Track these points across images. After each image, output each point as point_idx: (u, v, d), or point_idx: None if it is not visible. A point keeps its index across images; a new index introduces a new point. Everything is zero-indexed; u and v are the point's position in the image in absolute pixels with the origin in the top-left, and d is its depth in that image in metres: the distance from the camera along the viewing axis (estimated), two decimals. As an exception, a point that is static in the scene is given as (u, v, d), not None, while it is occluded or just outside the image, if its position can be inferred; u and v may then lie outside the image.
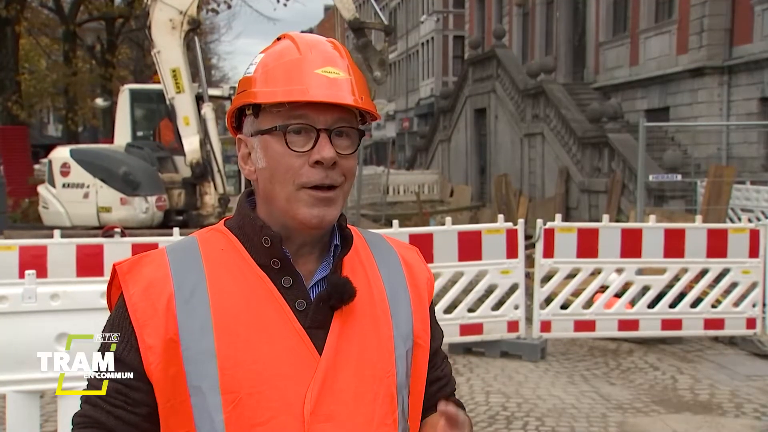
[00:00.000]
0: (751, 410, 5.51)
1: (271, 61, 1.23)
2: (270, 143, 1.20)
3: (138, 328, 1.16)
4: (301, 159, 1.18)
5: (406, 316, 1.29)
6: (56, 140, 34.18)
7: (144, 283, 1.18)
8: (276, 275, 1.21)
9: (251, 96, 1.21)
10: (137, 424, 1.18)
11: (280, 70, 1.20)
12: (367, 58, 11.00)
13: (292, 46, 1.23)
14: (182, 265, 1.20)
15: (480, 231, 6.71)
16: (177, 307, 1.16)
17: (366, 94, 1.23)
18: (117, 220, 10.97)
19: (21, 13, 21.06)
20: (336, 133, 1.19)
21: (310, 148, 1.18)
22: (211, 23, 38.51)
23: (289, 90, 1.17)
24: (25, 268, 4.56)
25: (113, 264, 1.23)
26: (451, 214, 13.89)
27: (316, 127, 1.18)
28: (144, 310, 1.16)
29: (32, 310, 3.17)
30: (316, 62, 1.20)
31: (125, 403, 1.18)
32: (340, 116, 1.19)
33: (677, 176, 10.87)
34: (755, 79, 15.65)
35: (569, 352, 6.98)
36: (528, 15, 26.99)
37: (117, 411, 1.18)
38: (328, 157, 1.17)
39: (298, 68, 1.19)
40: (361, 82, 1.23)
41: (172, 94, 11.26)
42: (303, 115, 1.18)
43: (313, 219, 1.19)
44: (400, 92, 48.97)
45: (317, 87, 1.17)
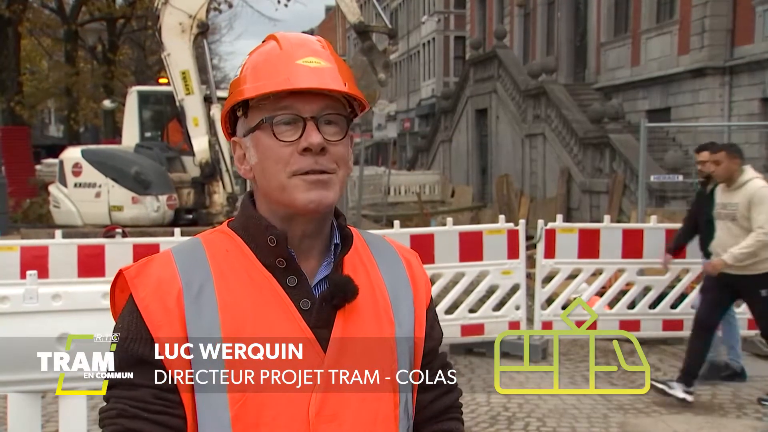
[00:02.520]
0: (752, 411, 5.50)
1: (255, 59, 1.26)
2: (260, 138, 1.21)
3: (154, 330, 1.15)
4: (290, 148, 1.19)
5: (408, 315, 1.29)
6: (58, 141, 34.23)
7: (153, 283, 1.18)
8: (281, 275, 1.21)
9: (237, 94, 1.23)
10: (181, 428, 1.15)
11: (263, 65, 1.23)
12: (372, 61, 11.08)
13: (274, 44, 1.26)
14: (189, 265, 1.20)
15: (481, 231, 6.71)
16: (185, 304, 1.16)
17: (351, 81, 1.24)
18: (129, 219, 11.19)
19: (23, 13, 21.08)
20: (325, 122, 1.20)
21: (299, 137, 1.19)
22: (213, 23, 38.53)
23: (271, 82, 1.19)
24: (26, 269, 4.57)
25: (120, 269, 1.22)
26: (452, 215, 13.88)
27: (302, 116, 1.19)
28: (157, 311, 1.16)
29: (34, 311, 3.17)
30: (297, 54, 1.22)
31: (166, 407, 1.14)
32: (327, 104, 1.21)
33: (678, 177, 10.87)
34: (757, 79, 15.63)
35: (570, 353, 6.98)
36: (529, 15, 26.97)
37: (160, 417, 1.14)
38: (316, 142, 1.18)
39: (279, 60, 1.22)
40: (345, 71, 1.24)
41: (181, 95, 11.44)
42: (288, 105, 1.19)
43: (310, 203, 1.19)
44: (402, 93, 48.95)
45: (298, 75, 1.19)
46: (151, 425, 1.13)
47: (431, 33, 42.94)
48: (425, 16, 44.21)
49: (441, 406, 1.37)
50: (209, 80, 12.22)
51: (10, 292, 3.21)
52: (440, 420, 1.37)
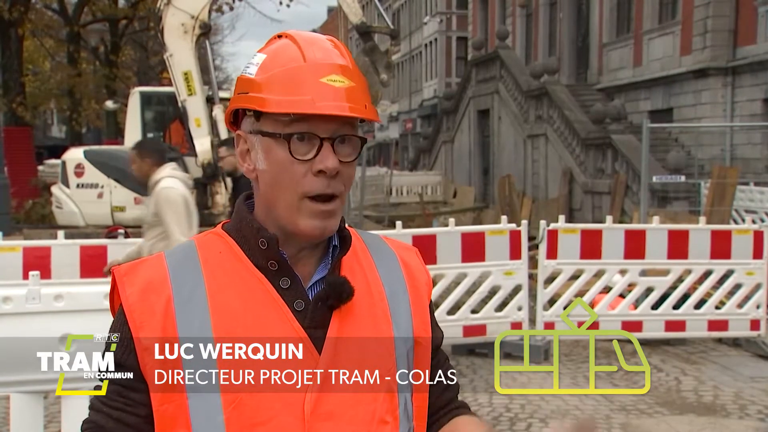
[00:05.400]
0: (755, 411, 5.50)
1: (273, 64, 1.21)
2: (272, 147, 1.19)
3: (135, 329, 1.16)
4: (304, 167, 1.18)
5: (405, 316, 1.29)
6: (60, 142, 34.30)
7: (141, 284, 1.18)
8: (274, 276, 1.21)
9: (254, 101, 1.20)
10: (137, 425, 1.18)
11: (285, 78, 1.19)
12: (374, 62, 11.11)
13: (294, 49, 1.22)
14: (180, 268, 1.21)
15: (483, 232, 6.72)
16: (176, 309, 1.16)
17: (369, 99, 1.23)
18: (131, 220, 11.22)
19: (25, 14, 21.13)
20: (339, 141, 1.19)
21: (313, 156, 1.17)
22: (215, 24, 38.57)
23: (295, 101, 1.16)
24: (28, 269, 4.57)
25: (112, 267, 1.24)
26: (455, 215, 13.85)
27: (320, 136, 1.17)
28: (141, 312, 1.17)
29: (36, 311, 3.17)
30: (321, 70, 1.18)
31: (125, 404, 1.17)
32: (343, 122, 1.19)
33: (681, 177, 10.88)
34: (759, 80, 15.62)
35: (572, 354, 6.97)
36: (531, 16, 26.96)
37: (116, 413, 1.17)
38: (332, 167, 1.17)
39: (303, 77, 1.18)
40: (364, 88, 1.23)
41: (184, 96, 11.48)
42: (307, 124, 1.17)
43: (315, 230, 1.20)
44: (404, 93, 48.97)
45: (323, 98, 1.16)
46: (107, 419, 1.18)
47: (433, 34, 42.95)
48: (427, 17, 44.23)
49: (445, 399, 1.38)
50: (211, 81, 12.29)
51: (12, 293, 3.21)
52: (445, 410, 1.38)
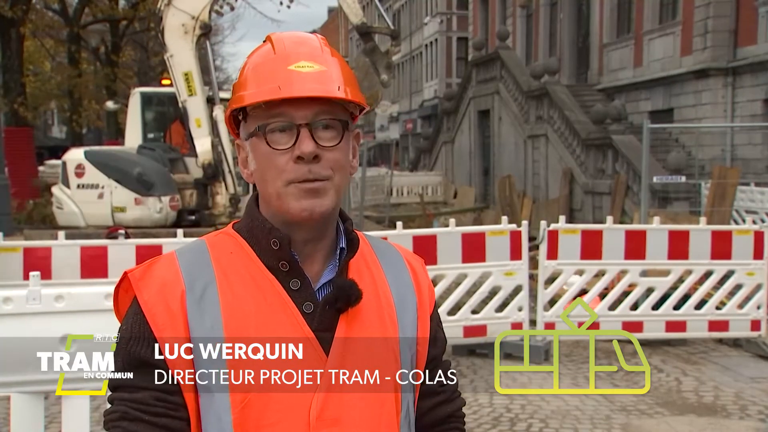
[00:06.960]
0: (755, 412, 5.50)
1: (249, 63, 1.25)
2: (257, 145, 1.21)
3: (157, 331, 1.16)
4: (285, 156, 1.18)
5: (412, 321, 1.29)
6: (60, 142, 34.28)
7: (157, 285, 1.18)
8: (284, 278, 1.21)
9: (235, 100, 1.23)
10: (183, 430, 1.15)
11: (255, 72, 1.22)
12: (374, 62, 11.13)
13: (267, 46, 1.25)
14: (192, 267, 1.21)
15: (484, 232, 6.71)
16: (188, 306, 1.16)
17: (350, 83, 1.22)
18: (132, 220, 11.23)
19: (26, 15, 21.14)
20: (321, 126, 1.19)
21: (293, 144, 1.18)
22: (215, 25, 38.58)
23: (262, 90, 1.18)
24: (29, 270, 4.57)
25: (125, 271, 1.23)
26: (455, 216, 13.84)
27: (296, 123, 1.18)
28: (160, 313, 1.16)
29: (37, 312, 3.17)
30: (289, 59, 1.20)
31: (167, 409, 1.14)
32: (321, 109, 1.19)
33: (681, 178, 10.87)
34: (760, 80, 15.61)
35: (573, 354, 6.97)
36: (532, 16, 26.96)
37: (161, 420, 1.14)
38: (308, 151, 1.17)
39: (271, 67, 1.20)
40: (343, 72, 1.22)
41: (184, 96, 11.51)
42: (281, 113, 1.18)
43: (303, 212, 1.19)
44: (404, 94, 48.96)
45: (290, 83, 1.17)
46: (152, 428, 1.13)
47: (434, 34, 42.95)
48: (428, 18, 44.22)
49: (443, 413, 1.37)
50: (212, 81, 12.31)
51: (13, 294, 3.21)
52: (442, 428, 1.37)
